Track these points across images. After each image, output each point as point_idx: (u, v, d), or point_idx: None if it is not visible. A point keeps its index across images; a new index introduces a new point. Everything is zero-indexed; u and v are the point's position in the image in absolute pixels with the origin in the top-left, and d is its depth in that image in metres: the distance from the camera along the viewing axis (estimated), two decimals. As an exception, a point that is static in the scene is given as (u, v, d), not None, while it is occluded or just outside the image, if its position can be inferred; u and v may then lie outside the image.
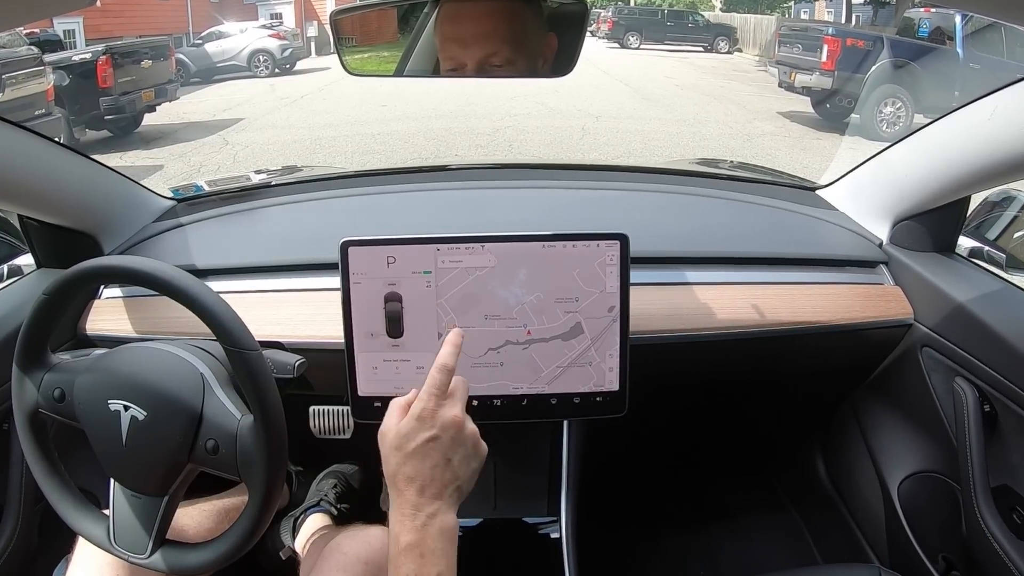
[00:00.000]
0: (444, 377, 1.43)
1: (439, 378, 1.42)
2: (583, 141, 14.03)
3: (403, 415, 1.42)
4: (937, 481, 2.25)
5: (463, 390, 1.47)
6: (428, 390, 1.41)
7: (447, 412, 1.41)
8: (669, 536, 2.94)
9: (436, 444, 1.38)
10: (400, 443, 1.38)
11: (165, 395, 1.57)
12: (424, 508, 1.35)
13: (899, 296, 2.25)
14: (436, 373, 1.43)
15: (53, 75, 12.84)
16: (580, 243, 1.83)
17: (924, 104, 14.18)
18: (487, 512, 2.23)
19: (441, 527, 1.36)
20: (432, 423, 1.39)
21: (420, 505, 1.35)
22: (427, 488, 1.36)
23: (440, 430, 1.38)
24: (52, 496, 1.72)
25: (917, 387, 2.22)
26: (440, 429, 1.39)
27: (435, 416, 1.39)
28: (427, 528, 1.35)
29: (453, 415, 1.40)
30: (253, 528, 1.58)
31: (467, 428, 1.42)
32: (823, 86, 15.36)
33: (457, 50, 1.82)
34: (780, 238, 2.43)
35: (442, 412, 1.40)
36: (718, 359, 2.24)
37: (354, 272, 1.81)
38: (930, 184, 2.12)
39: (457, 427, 1.40)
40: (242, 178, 3.51)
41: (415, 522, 1.35)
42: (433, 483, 1.37)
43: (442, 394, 1.42)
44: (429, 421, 1.39)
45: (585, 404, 1.91)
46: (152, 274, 1.54)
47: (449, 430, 1.39)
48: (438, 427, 1.38)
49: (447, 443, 1.39)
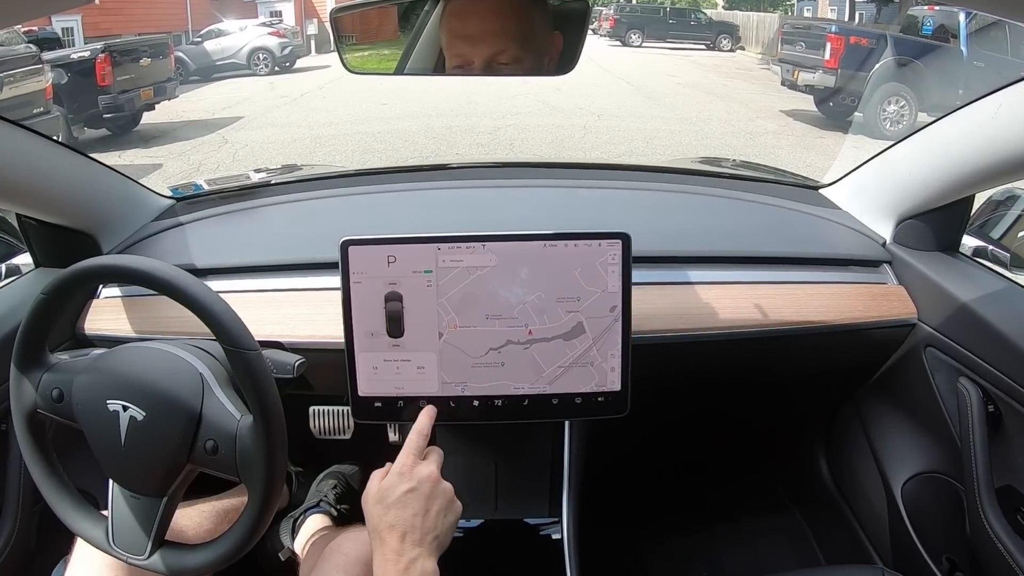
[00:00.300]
0: (421, 440, 1.64)
1: (416, 440, 1.62)
2: (585, 140, 14.03)
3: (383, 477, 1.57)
4: (941, 482, 2.25)
5: (437, 455, 1.65)
6: (407, 450, 1.60)
7: (424, 468, 1.58)
8: (671, 537, 2.94)
9: (415, 495, 1.54)
10: (381, 496, 1.53)
11: (164, 395, 1.57)
12: (406, 553, 1.46)
13: (903, 296, 2.25)
14: (414, 436, 1.62)
15: (51, 73, 12.83)
16: (582, 242, 1.82)
17: (928, 102, 14.17)
18: (488, 513, 2.23)
19: (422, 571, 1.46)
20: (411, 477, 1.56)
21: (402, 551, 1.46)
22: (408, 535, 1.48)
23: (418, 483, 1.55)
24: (50, 497, 1.72)
25: (921, 387, 2.22)
26: (418, 482, 1.55)
27: (413, 471, 1.57)
28: (409, 571, 1.45)
29: (430, 471, 1.58)
30: (252, 529, 1.58)
31: (442, 484, 1.58)
32: (826, 84, 15.34)
33: (464, 47, 1.81)
34: (783, 237, 2.43)
35: (419, 468, 1.58)
36: (721, 359, 2.24)
37: (354, 271, 1.81)
38: (934, 183, 2.12)
39: (433, 481, 1.57)
40: (241, 177, 3.51)
41: (397, 567, 1.45)
42: (414, 530, 1.49)
43: (420, 453, 1.62)
44: (408, 475, 1.56)
45: (587, 404, 1.91)
46: (151, 273, 1.54)
47: (426, 483, 1.55)
48: (416, 480, 1.55)
49: (425, 494, 1.54)
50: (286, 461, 1.58)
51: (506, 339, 1.85)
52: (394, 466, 1.57)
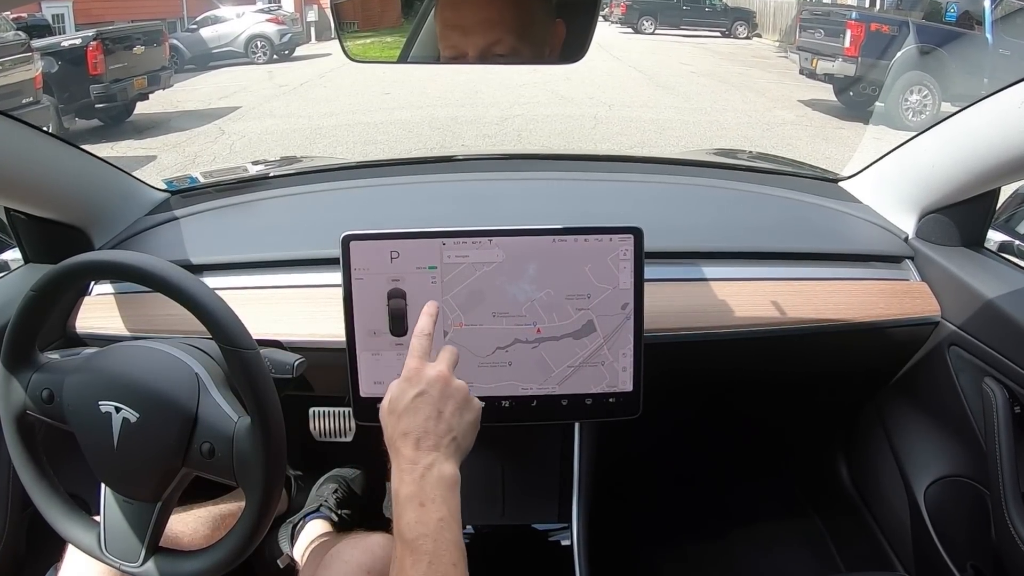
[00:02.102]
0: (424, 342, 1.56)
1: (419, 343, 1.55)
2: (595, 131, 14.04)
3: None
4: (965, 486, 2.25)
5: (448, 353, 1.57)
6: (411, 354, 1.53)
7: (432, 370, 1.51)
8: (685, 543, 2.93)
9: (425, 398, 1.47)
10: (392, 406, 1.48)
11: (158, 396, 1.57)
12: (421, 460, 1.42)
13: (925, 293, 2.24)
14: (416, 339, 1.56)
15: (41, 61, 12.86)
16: (592, 237, 1.82)
17: (952, 92, 14.12)
18: (495, 518, 2.23)
19: (440, 476, 1.42)
20: (419, 380, 1.49)
21: (416, 458, 1.42)
22: (422, 440, 1.44)
23: (427, 385, 1.48)
24: (40, 502, 1.72)
25: (944, 388, 2.21)
26: (427, 384, 1.48)
27: (420, 374, 1.50)
28: (425, 478, 1.40)
29: (439, 371, 1.51)
30: (250, 535, 1.58)
31: (454, 382, 1.51)
32: (846, 73, 15.31)
33: (458, 38, 1.79)
34: (801, 232, 2.43)
35: (427, 370, 1.51)
36: (736, 358, 2.24)
37: (356, 267, 1.81)
38: (958, 175, 2.12)
39: (444, 381, 1.50)
40: (239, 169, 3.51)
41: (413, 475, 1.41)
42: (428, 435, 1.44)
43: (425, 356, 1.54)
44: (415, 379, 1.49)
45: (597, 405, 1.91)
46: (145, 270, 1.54)
47: (436, 384, 1.49)
48: (424, 383, 1.48)
49: (436, 396, 1.48)
50: (285, 464, 1.57)
51: (513, 338, 1.85)
52: (402, 372, 1.53)
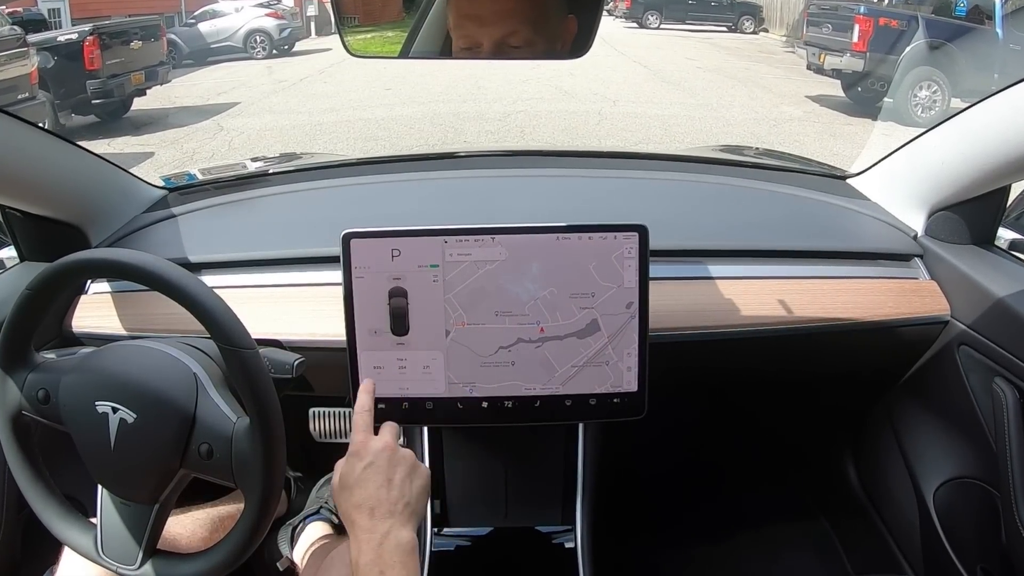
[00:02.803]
0: (367, 417, 1.66)
1: (362, 418, 1.66)
2: (600, 127, 14.04)
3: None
4: (975, 487, 2.25)
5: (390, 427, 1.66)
6: (356, 429, 1.62)
7: (377, 442, 1.59)
8: (690, 546, 2.93)
9: (374, 468, 1.55)
10: (343, 482, 1.54)
11: (156, 396, 1.57)
12: (378, 528, 1.47)
13: (935, 291, 2.24)
14: (357, 416, 1.66)
15: (37, 57, 12.86)
16: (596, 235, 1.82)
17: (961, 87, 14.12)
18: (498, 520, 2.23)
19: (397, 542, 1.46)
20: (365, 452, 1.57)
21: (373, 527, 1.47)
22: (376, 509, 1.49)
23: (374, 456, 1.56)
24: (36, 504, 1.72)
25: (954, 388, 2.21)
26: (374, 455, 1.56)
27: (366, 447, 1.58)
28: (383, 546, 1.45)
29: (384, 442, 1.59)
30: (249, 537, 1.58)
31: (400, 451, 1.59)
32: (854, 68, 15.31)
33: (474, 28, 1.79)
34: (808, 229, 2.42)
35: (372, 443, 1.58)
36: (743, 358, 2.24)
37: (356, 266, 1.80)
38: (968, 172, 2.11)
39: (390, 450, 1.58)
40: (238, 166, 3.53)
41: (371, 543, 1.45)
42: (381, 504, 1.49)
43: (369, 429, 1.63)
44: (362, 452, 1.57)
45: (602, 406, 1.90)
46: (142, 268, 1.54)
47: (383, 454, 1.56)
48: (371, 454, 1.56)
49: (383, 466, 1.55)
50: (284, 466, 1.57)
51: (516, 337, 1.85)
52: (348, 449, 1.58)
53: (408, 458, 1.57)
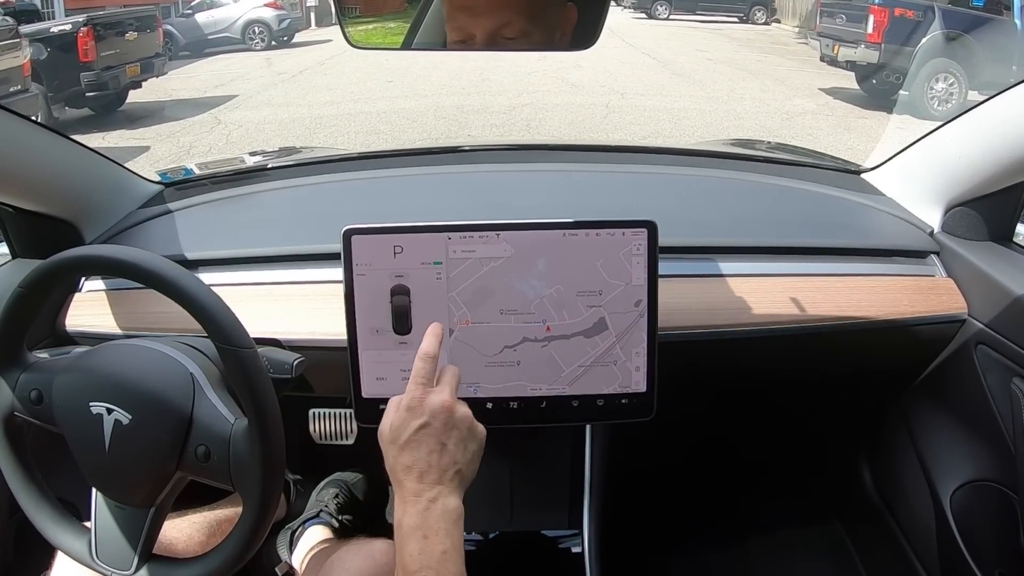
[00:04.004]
0: (428, 366, 1.56)
1: (423, 367, 1.55)
2: (607, 120, 14.03)
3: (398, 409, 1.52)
4: (993, 491, 2.24)
5: (451, 376, 1.58)
6: (414, 380, 1.53)
7: (435, 398, 1.51)
8: (700, 550, 2.93)
9: (428, 430, 1.49)
10: (394, 436, 1.49)
11: (152, 397, 1.57)
12: (424, 493, 1.44)
13: (952, 289, 2.24)
14: (419, 363, 1.56)
15: (30, 48, 12.87)
16: (604, 231, 1.82)
17: (979, 80, 14.09)
18: (503, 524, 2.23)
19: (444, 509, 1.44)
20: (421, 411, 1.50)
21: (420, 491, 1.44)
22: (426, 474, 1.45)
23: (430, 416, 1.49)
24: (29, 507, 1.72)
25: (971, 388, 2.20)
26: (430, 415, 1.49)
27: (423, 404, 1.51)
28: (429, 511, 1.42)
29: (442, 400, 1.51)
30: (247, 542, 1.58)
31: (458, 411, 1.52)
32: (869, 60, 15.28)
33: (466, 20, 1.77)
34: (821, 226, 2.42)
35: (430, 399, 1.51)
36: (754, 357, 2.23)
37: (358, 263, 1.81)
38: (986, 167, 2.11)
39: (447, 411, 1.51)
40: (236, 160, 3.52)
41: (417, 506, 1.43)
42: (431, 469, 1.46)
43: (428, 382, 1.55)
44: (418, 409, 1.50)
45: (609, 407, 1.90)
46: (137, 265, 1.54)
47: (439, 415, 1.50)
48: (428, 414, 1.49)
49: (439, 428, 1.49)
50: (284, 468, 1.57)
51: (522, 336, 1.85)
52: (404, 399, 1.53)
53: (465, 420, 1.53)
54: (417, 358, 1.57)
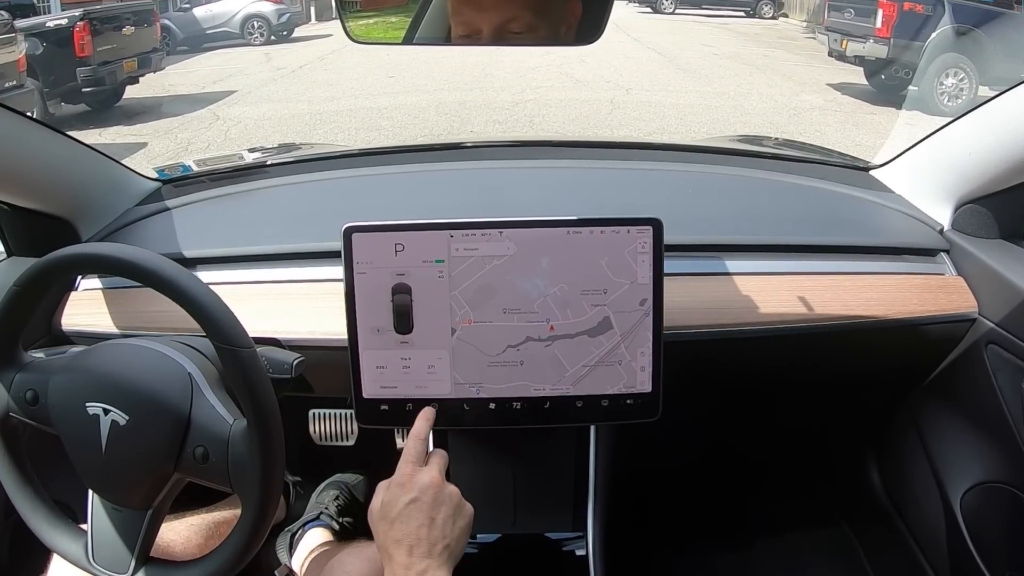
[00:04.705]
0: (419, 447, 1.64)
1: (414, 447, 1.63)
2: (612, 116, 14.02)
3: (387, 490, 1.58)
4: (1004, 493, 2.24)
5: (440, 458, 1.65)
6: (405, 459, 1.60)
7: (424, 476, 1.57)
8: (706, 553, 2.93)
9: (417, 505, 1.54)
10: (384, 512, 1.54)
11: (149, 397, 1.57)
12: (414, 567, 1.47)
13: (962, 287, 2.23)
14: (411, 443, 1.63)
15: (25, 43, 12.87)
16: (609, 229, 1.81)
17: (990, 75, 14.05)
18: (506, 527, 2.23)
19: None
20: (411, 486, 1.56)
21: (410, 565, 1.47)
22: (415, 548, 1.49)
23: (419, 492, 1.55)
24: (24, 509, 1.72)
25: (982, 388, 2.20)
26: (419, 491, 1.55)
27: (413, 480, 1.57)
28: None
29: (431, 477, 1.58)
30: (246, 544, 1.58)
31: (446, 488, 1.57)
32: (878, 55, 15.24)
33: (472, 14, 1.77)
34: (829, 223, 2.42)
35: (419, 476, 1.57)
36: (761, 357, 2.23)
37: (358, 261, 1.80)
38: (997, 163, 2.11)
39: (436, 487, 1.56)
40: (234, 157, 3.53)
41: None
42: (420, 543, 1.49)
43: (419, 461, 1.61)
44: (408, 485, 1.56)
45: (614, 407, 1.90)
46: (134, 263, 1.54)
47: (428, 491, 1.55)
48: (417, 489, 1.55)
49: (428, 503, 1.54)
50: (283, 470, 1.58)
51: (525, 335, 1.85)
52: (394, 477, 1.57)
53: (453, 497, 1.57)
54: (408, 439, 1.65)
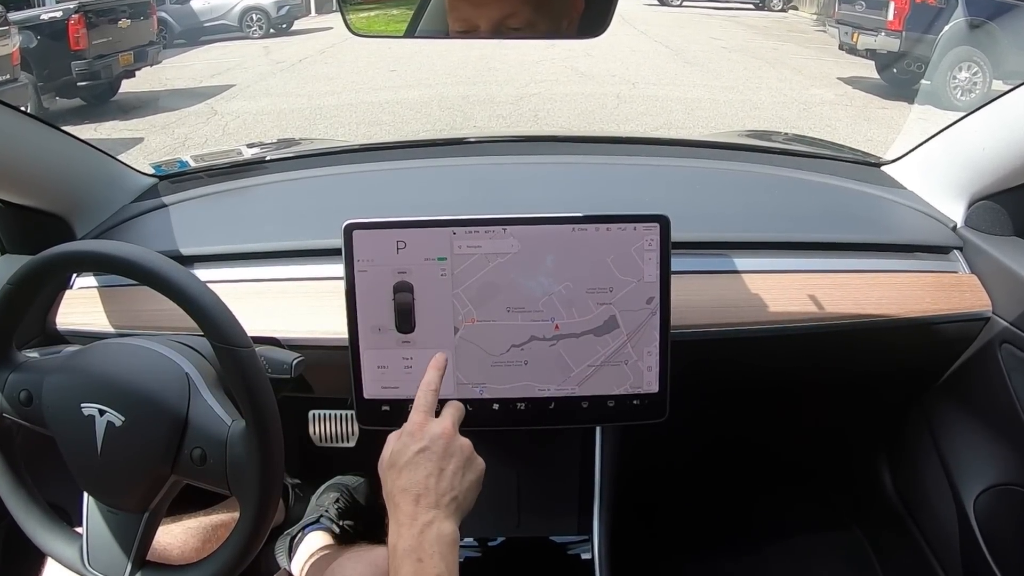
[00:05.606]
0: (430, 396, 1.64)
1: (425, 397, 1.63)
2: (618, 110, 13.99)
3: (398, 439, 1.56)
4: (1018, 495, 2.23)
5: (454, 409, 1.65)
6: (416, 408, 1.61)
7: (436, 426, 1.57)
8: (714, 557, 2.93)
9: (427, 454, 1.52)
10: (393, 460, 1.53)
11: (146, 398, 1.57)
12: (420, 516, 1.45)
13: (975, 286, 2.23)
14: (422, 393, 1.65)
15: (19, 36, 12.84)
16: (615, 226, 1.81)
17: (1004, 69, 14.01)
18: (511, 529, 2.23)
19: (439, 533, 1.44)
20: (421, 436, 1.55)
21: (416, 514, 1.45)
22: (422, 498, 1.47)
23: (429, 441, 1.54)
24: (18, 512, 1.72)
25: (995, 388, 2.19)
26: (429, 440, 1.54)
27: (424, 429, 1.56)
28: (424, 535, 1.43)
29: (442, 428, 1.57)
30: (245, 548, 1.58)
31: (458, 440, 1.56)
32: (889, 48, 15.21)
33: (469, 10, 1.75)
34: (840, 220, 2.42)
35: (430, 426, 1.57)
36: (771, 357, 2.23)
37: (359, 259, 1.80)
38: (1011, 159, 2.10)
39: (447, 438, 1.55)
40: (233, 152, 3.52)
41: (412, 530, 1.44)
42: (428, 492, 1.48)
43: (430, 411, 1.61)
44: (418, 434, 1.55)
45: (620, 408, 1.90)
46: (130, 261, 1.54)
47: (439, 441, 1.54)
48: (427, 439, 1.54)
49: (438, 453, 1.53)
50: (283, 472, 1.57)
51: (530, 335, 1.85)
52: (404, 426, 1.57)
53: (464, 449, 1.56)
54: (420, 389, 1.64)
